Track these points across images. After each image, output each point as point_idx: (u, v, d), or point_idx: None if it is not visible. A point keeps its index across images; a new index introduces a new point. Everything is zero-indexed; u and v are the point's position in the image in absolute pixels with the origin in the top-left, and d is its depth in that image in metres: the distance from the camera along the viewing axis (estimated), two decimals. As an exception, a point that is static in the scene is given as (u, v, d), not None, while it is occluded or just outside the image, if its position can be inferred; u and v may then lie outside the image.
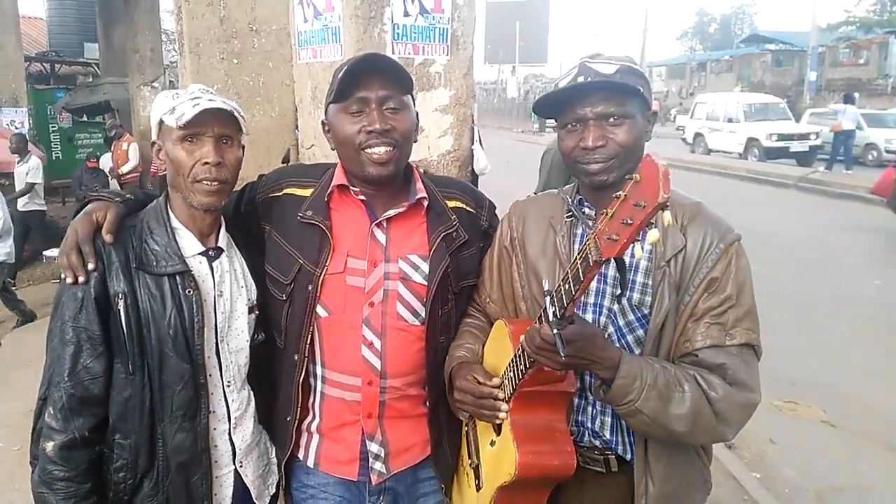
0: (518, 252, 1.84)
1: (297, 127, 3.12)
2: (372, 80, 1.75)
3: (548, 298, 1.40)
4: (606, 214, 1.21)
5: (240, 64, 3.62)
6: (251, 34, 3.62)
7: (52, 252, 9.99)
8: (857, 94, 20.88)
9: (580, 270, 1.28)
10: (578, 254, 1.29)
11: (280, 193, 1.93)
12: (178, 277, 1.69)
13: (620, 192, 1.17)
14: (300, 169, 2.09)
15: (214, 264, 1.79)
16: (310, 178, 1.93)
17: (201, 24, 3.49)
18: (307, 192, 1.89)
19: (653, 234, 1.14)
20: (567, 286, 1.33)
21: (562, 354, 1.35)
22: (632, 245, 1.18)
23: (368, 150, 1.74)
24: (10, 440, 4.70)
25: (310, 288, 1.79)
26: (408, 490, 1.94)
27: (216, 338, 1.78)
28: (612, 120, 1.61)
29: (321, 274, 1.79)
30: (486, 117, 39.48)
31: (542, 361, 1.46)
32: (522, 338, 1.50)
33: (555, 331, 1.36)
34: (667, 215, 1.12)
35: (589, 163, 1.63)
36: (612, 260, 1.24)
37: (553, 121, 1.76)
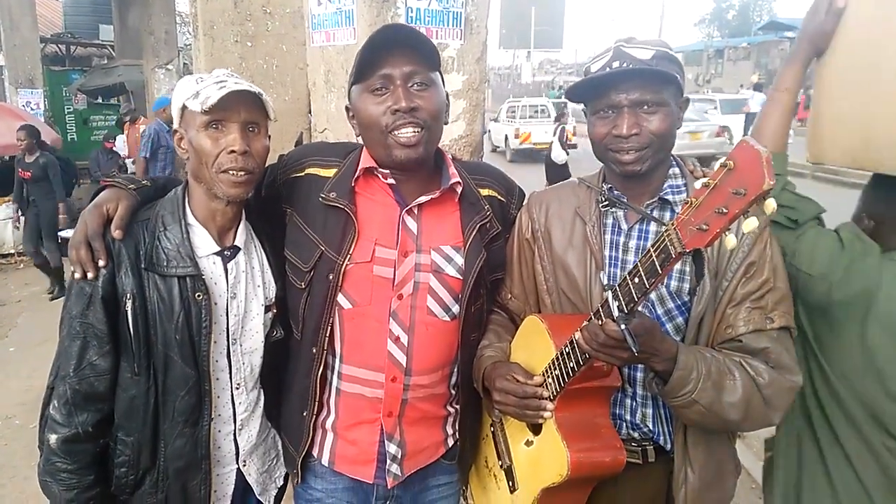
0: (541, 244, 1.80)
1: (310, 111, 3.13)
2: (395, 55, 1.63)
3: (609, 293, 1.36)
4: (690, 204, 1.17)
5: (254, 47, 3.62)
6: (265, 17, 3.62)
7: (68, 233, 10.10)
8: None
9: (656, 263, 1.24)
10: (653, 246, 1.25)
11: (302, 173, 1.82)
12: (188, 280, 1.63)
13: (709, 181, 1.14)
14: (323, 147, 1.96)
15: (230, 265, 1.71)
16: (333, 158, 1.81)
17: (215, 7, 3.49)
18: (330, 173, 1.78)
19: (750, 223, 1.11)
20: (637, 280, 1.29)
21: (634, 350, 1.33)
22: (723, 236, 1.14)
23: (395, 133, 1.64)
24: (27, 417, 4.78)
25: (330, 277, 1.69)
26: (414, 498, 1.88)
27: (227, 340, 1.72)
28: (646, 107, 1.57)
29: (344, 262, 1.68)
30: (501, 102, 39.29)
31: (604, 358, 1.42)
32: (577, 334, 1.45)
33: (623, 326, 1.33)
34: (770, 202, 1.09)
35: (622, 151, 1.60)
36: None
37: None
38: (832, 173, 15.99)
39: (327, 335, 1.73)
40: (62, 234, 10.21)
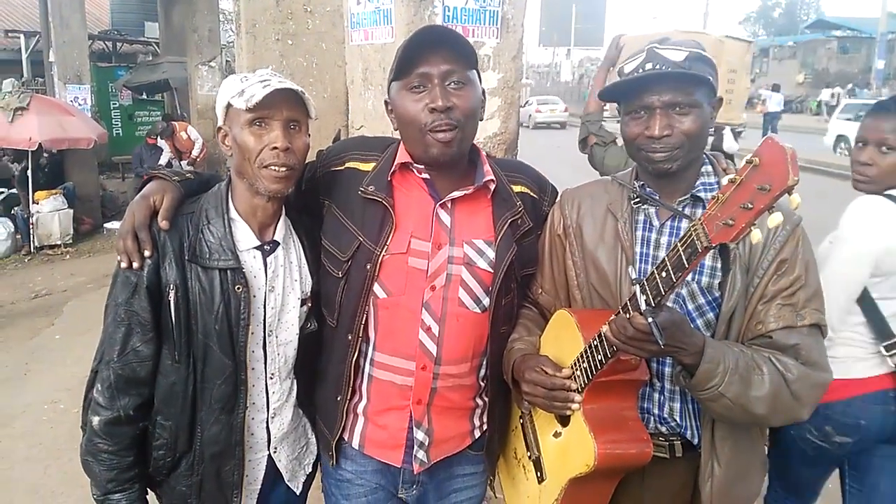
0: (573, 240, 1.82)
1: (348, 108, 3.18)
2: (434, 54, 1.67)
3: (637, 287, 1.38)
4: (717, 199, 1.19)
5: (294, 45, 3.69)
6: (306, 15, 3.69)
7: (113, 224, 10.36)
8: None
9: (683, 258, 1.26)
10: (680, 241, 1.27)
11: (342, 167, 1.87)
12: (228, 273, 1.68)
13: (735, 177, 1.16)
14: (362, 142, 2.01)
15: (269, 259, 1.76)
16: (372, 152, 1.86)
17: (258, 6, 3.57)
18: (369, 167, 1.83)
19: (775, 218, 1.13)
20: (665, 274, 1.31)
21: (661, 343, 1.35)
22: (748, 231, 1.16)
23: (432, 132, 1.68)
24: (71, 402, 4.94)
25: (368, 266, 1.74)
26: (438, 485, 1.92)
27: (264, 332, 1.77)
28: (678, 109, 1.59)
29: (381, 253, 1.73)
30: (540, 101, 39.22)
31: (632, 351, 1.45)
32: (605, 328, 1.47)
33: (650, 319, 1.35)
34: (795, 198, 1.12)
35: (653, 151, 1.62)
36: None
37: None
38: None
39: (363, 323, 1.78)
40: (109, 225, 10.51)
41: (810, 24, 50.77)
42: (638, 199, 1.74)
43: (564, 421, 1.69)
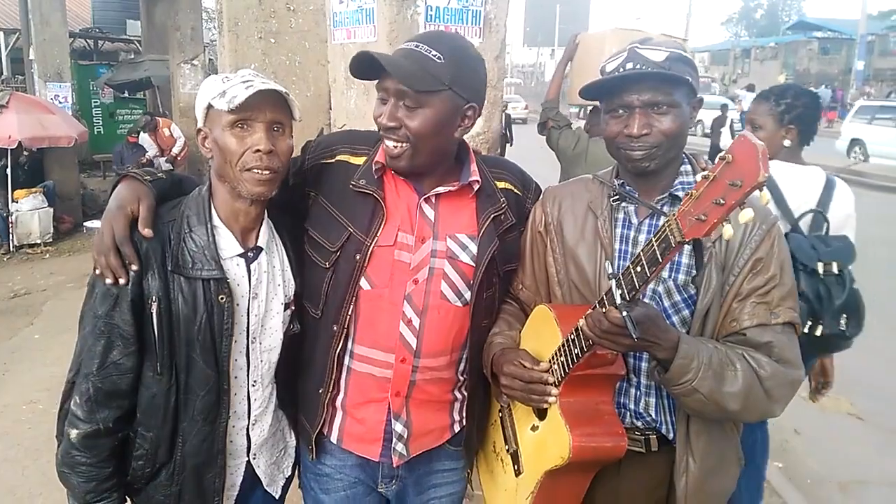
0: (554, 237, 1.84)
1: (331, 107, 3.18)
2: (388, 76, 1.67)
3: (613, 282, 1.40)
4: (691, 196, 1.21)
5: (277, 43, 3.69)
6: (288, 14, 3.68)
7: (93, 223, 10.27)
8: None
9: (657, 252, 1.29)
10: (654, 236, 1.29)
11: (332, 160, 1.86)
12: (212, 283, 1.62)
13: (708, 173, 1.18)
14: (353, 135, 1.99)
15: (252, 266, 1.71)
16: (362, 146, 1.86)
17: (240, 4, 3.56)
18: (360, 161, 1.82)
19: (746, 214, 1.15)
20: (639, 269, 1.33)
21: (634, 337, 1.37)
22: (720, 226, 1.19)
23: (385, 142, 1.72)
24: (50, 402, 4.88)
25: (357, 257, 1.74)
26: (418, 480, 1.93)
27: (247, 339, 1.73)
28: (657, 108, 1.61)
29: (371, 244, 1.73)
30: (526, 100, 39.24)
31: (607, 345, 1.46)
32: (581, 322, 1.49)
33: (625, 313, 1.37)
34: (765, 193, 1.14)
35: (632, 150, 1.64)
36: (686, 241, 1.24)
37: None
38: (856, 175, 15.87)
39: (349, 313, 1.77)
40: (89, 224, 10.41)
41: (792, 26, 51.33)
42: (617, 197, 1.76)
43: (542, 414, 1.71)
